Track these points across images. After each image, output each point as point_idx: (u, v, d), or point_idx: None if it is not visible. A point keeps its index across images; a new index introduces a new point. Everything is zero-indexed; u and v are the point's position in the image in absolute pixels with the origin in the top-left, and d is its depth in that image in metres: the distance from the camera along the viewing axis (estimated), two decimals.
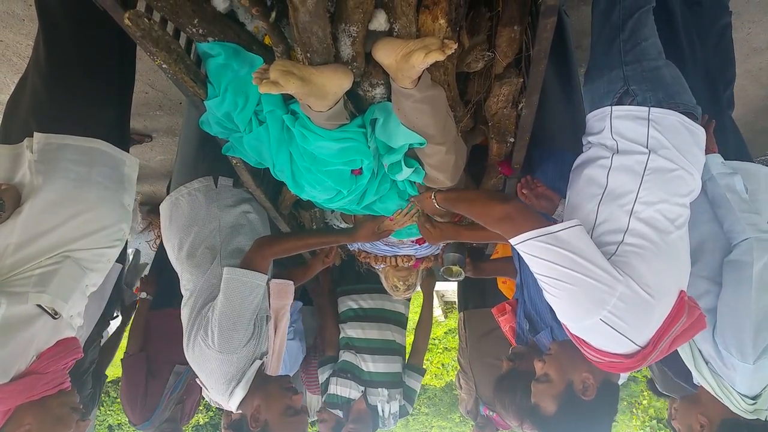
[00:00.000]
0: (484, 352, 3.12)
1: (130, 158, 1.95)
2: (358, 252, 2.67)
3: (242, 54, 1.48)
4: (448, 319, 11.00)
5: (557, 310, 1.49)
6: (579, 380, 1.65)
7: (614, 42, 1.66)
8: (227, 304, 1.77)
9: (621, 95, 1.59)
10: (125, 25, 1.31)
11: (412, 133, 1.57)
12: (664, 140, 1.51)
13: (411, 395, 3.04)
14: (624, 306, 1.37)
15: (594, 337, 1.45)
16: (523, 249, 1.46)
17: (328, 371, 3.02)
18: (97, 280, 1.90)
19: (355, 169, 1.68)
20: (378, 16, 1.32)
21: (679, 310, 1.45)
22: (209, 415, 11.37)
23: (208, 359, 1.80)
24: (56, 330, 1.71)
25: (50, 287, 1.65)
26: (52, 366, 1.68)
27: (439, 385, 11.85)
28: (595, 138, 1.65)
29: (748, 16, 2.48)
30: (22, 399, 1.62)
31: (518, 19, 1.42)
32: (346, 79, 1.37)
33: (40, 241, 1.67)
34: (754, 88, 2.98)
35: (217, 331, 1.76)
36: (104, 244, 1.84)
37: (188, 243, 2.00)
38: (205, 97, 1.57)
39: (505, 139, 1.79)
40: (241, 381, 1.80)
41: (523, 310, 2.06)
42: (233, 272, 1.81)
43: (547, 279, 1.43)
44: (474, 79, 1.69)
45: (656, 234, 1.45)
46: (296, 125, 1.52)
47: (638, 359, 1.43)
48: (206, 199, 2.08)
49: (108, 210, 1.84)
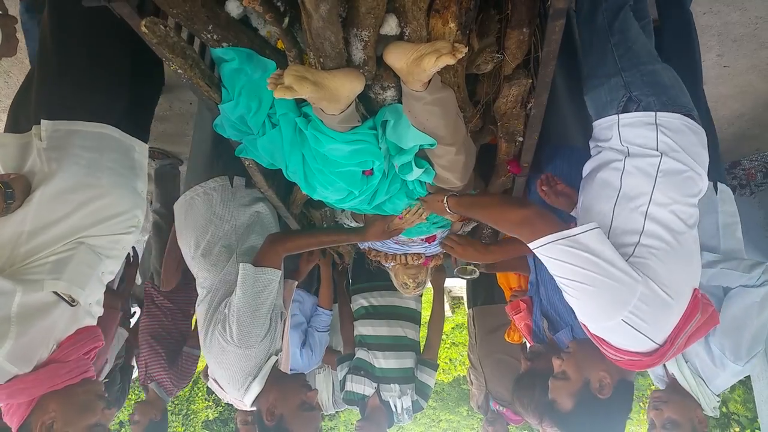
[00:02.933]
0: (494, 348, 3.16)
1: (140, 144, 1.93)
2: (368, 250, 2.70)
3: (255, 58, 1.50)
4: (455, 315, 11.02)
5: (578, 311, 1.50)
6: (596, 379, 1.69)
7: (606, 48, 1.68)
8: (244, 300, 1.80)
9: (625, 102, 1.61)
10: (142, 32, 1.34)
11: (422, 134, 1.59)
12: (672, 143, 1.53)
13: (424, 390, 3.06)
14: (644, 306, 1.39)
15: (614, 337, 1.47)
16: (543, 252, 1.47)
17: (345, 368, 3.07)
18: (114, 267, 1.88)
19: (367, 170, 1.71)
20: (389, 21, 1.33)
21: (694, 308, 1.47)
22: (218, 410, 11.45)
23: (226, 354, 1.83)
24: (75, 318, 1.69)
25: (65, 274, 1.62)
26: (74, 354, 1.67)
27: (447, 380, 11.89)
28: (605, 144, 1.67)
29: (755, 12, 2.48)
30: (46, 388, 1.60)
31: (527, 21, 1.43)
32: (358, 83, 1.39)
33: (54, 228, 1.65)
34: (762, 83, 2.97)
35: (235, 326, 1.78)
36: (119, 230, 1.82)
37: (205, 242, 2.02)
38: (220, 101, 1.59)
39: (514, 138, 1.81)
40: (258, 376, 1.84)
41: (540, 308, 2.08)
42: (249, 268, 1.83)
43: (567, 282, 1.44)
44: (483, 80, 1.70)
45: (671, 234, 1.47)
46: (309, 128, 1.55)
47: (657, 357, 1.45)
48: (222, 198, 2.10)
49: (121, 196, 1.81)
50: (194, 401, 11.43)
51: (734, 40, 2.67)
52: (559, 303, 1.96)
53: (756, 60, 2.80)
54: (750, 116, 3.27)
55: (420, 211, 2.12)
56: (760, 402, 3.81)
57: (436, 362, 3.18)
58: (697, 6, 2.46)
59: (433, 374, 3.13)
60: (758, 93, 3.07)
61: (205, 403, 11.45)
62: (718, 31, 2.61)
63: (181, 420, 11.36)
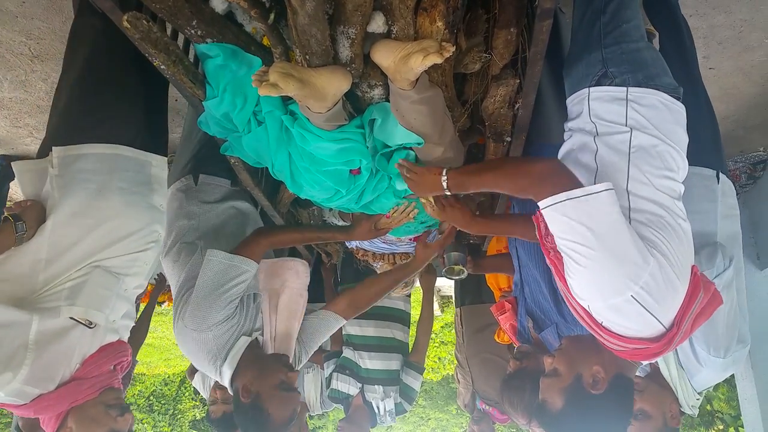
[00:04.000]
0: (481, 348, 3.15)
1: (156, 158, 1.95)
2: (356, 250, 2.69)
3: (240, 55, 1.48)
4: (444, 314, 11.02)
5: (583, 287, 1.39)
6: (589, 374, 1.59)
7: (595, 25, 1.63)
8: (205, 283, 1.74)
9: (599, 77, 1.55)
10: (124, 27, 1.32)
11: (409, 133, 1.58)
12: (642, 119, 1.47)
13: (409, 393, 3.03)
14: (653, 282, 1.32)
15: (620, 319, 1.38)
16: (560, 210, 1.34)
17: (332, 366, 3.06)
18: (138, 282, 1.94)
19: (354, 169, 1.69)
20: (376, 18, 1.33)
21: (695, 287, 1.42)
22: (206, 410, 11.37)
23: (186, 340, 1.78)
24: (96, 337, 1.77)
25: (80, 299, 1.69)
26: (96, 371, 1.76)
27: (435, 379, 11.89)
28: (575, 123, 1.61)
29: (740, 15, 2.50)
30: (67, 404, 1.71)
31: (514, 21, 1.43)
32: (345, 81, 1.38)
33: (68, 254, 1.71)
34: (746, 85, 3.00)
35: (190, 309, 1.73)
36: (135, 248, 1.87)
37: (170, 241, 2.01)
38: (204, 98, 1.57)
39: (502, 138, 1.80)
40: (227, 358, 1.77)
41: (525, 307, 2.07)
42: (219, 254, 1.77)
43: (579, 247, 1.33)
44: (471, 80, 1.70)
45: (660, 208, 1.41)
46: (295, 126, 1.53)
47: (664, 343, 1.38)
48: (186, 197, 2.08)
49: (135, 214, 1.86)
50: (181, 401, 11.35)
51: (719, 42, 2.69)
52: (543, 301, 1.94)
53: (741, 62, 2.83)
54: (735, 118, 3.30)
55: (408, 210, 2.11)
56: (743, 400, 3.85)
57: (422, 366, 3.14)
58: (683, 8, 2.46)
59: (419, 377, 3.09)
60: (743, 95, 3.10)
61: (192, 403, 11.38)
62: (704, 34, 2.63)
63: (168, 420, 11.27)
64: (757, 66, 2.84)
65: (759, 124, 3.36)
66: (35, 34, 2.59)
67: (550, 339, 1.87)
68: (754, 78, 2.94)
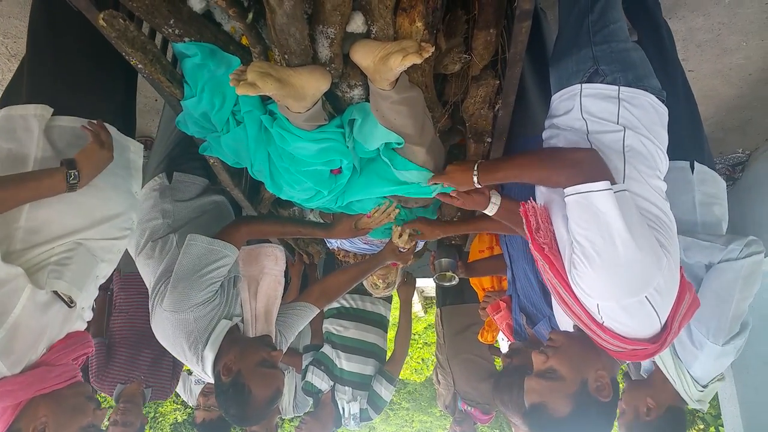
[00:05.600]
0: (462, 348, 3.16)
1: (134, 143, 1.90)
2: (338, 251, 2.68)
3: (219, 54, 1.47)
4: (427, 315, 11.04)
5: (595, 286, 1.34)
6: (594, 379, 1.52)
7: (583, 23, 1.64)
8: (182, 267, 1.71)
9: (591, 74, 1.56)
10: (100, 25, 1.30)
11: (390, 132, 1.57)
12: (634, 119, 1.49)
13: (377, 401, 2.98)
14: (663, 283, 1.32)
15: (627, 319, 1.36)
16: (592, 199, 1.29)
17: (310, 357, 3.06)
18: (107, 271, 1.83)
19: (335, 169, 1.69)
20: (355, 18, 1.32)
21: (683, 288, 1.42)
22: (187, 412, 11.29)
23: (164, 325, 1.75)
24: (67, 321, 1.65)
25: (66, 274, 1.58)
26: (63, 359, 1.63)
27: (419, 380, 11.90)
28: (562, 119, 1.60)
29: (719, 18, 2.53)
30: (32, 391, 1.55)
31: (494, 22, 1.43)
32: (324, 81, 1.37)
33: (51, 226, 1.60)
34: (725, 87, 3.04)
35: (169, 290, 1.70)
36: (114, 235, 1.78)
37: (143, 240, 1.98)
38: (182, 97, 1.56)
39: (483, 139, 1.81)
40: (208, 342, 1.73)
41: (518, 303, 2.07)
42: (199, 239, 1.74)
43: (600, 243, 1.28)
44: (451, 81, 1.70)
45: (655, 208, 1.42)
46: (274, 126, 1.52)
47: (660, 343, 1.37)
48: (161, 195, 2.06)
49: (117, 197, 1.77)
50: (162, 404, 11.23)
51: (698, 45, 2.72)
52: (534, 295, 1.94)
53: (719, 65, 2.86)
54: (714, 120, 3.34)
55: (389, 211, 2.10)
56: (723, 399, 3.89)
57: (396, 377, 3.08)
58: (662, 11, 2.50)
59: (391, 388, 3.03)
60: (721, 97, 3.14)
61: (173, 406, 11.27)
62: (683, 37, 2.66)
63: (149, 423, 11.16)
64: (735, 68, 2.88)
65: (737, 126, 3.41)
66: (12, 33, 2.55)
67: (544, 332, 1.85)
68: (732, 80, 2.98)
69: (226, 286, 1.86)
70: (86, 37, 1.72)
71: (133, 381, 2.75)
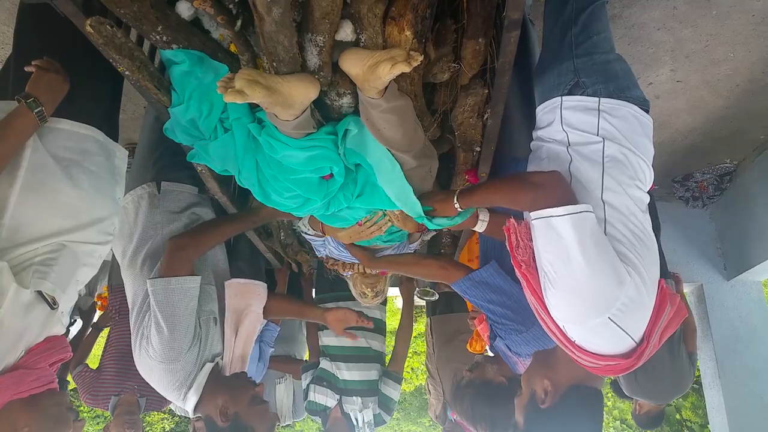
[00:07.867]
0: (451, 357, 3.15)
1: (120, 149, 1.88)
2: (326, 259, 2.66)
3: (207, 61, 1.46)
4: (417, 324, 11.02)
5: (561, 308, 1.37)
6: (540, 389, 1.56)
7: (566, 35, 1.64)
8: (160, 314, 1.75)
9: (572, 87, 1.56)
10: (87, 32, 1.29)
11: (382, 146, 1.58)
12: (614, 130, 1.48)
13: (388, 403, 2.99)
14: (629, 302, 1.32)
15: (596, 339, 1.38)
16: (551, 224, 1.31)
17: (309, 377, 3.02)
18: (88, 276, 1.81)
19: (326, 175, 1.67)
20: (345, 27, 1.32)
21: (662, 300, 1.43)
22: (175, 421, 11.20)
23: (153, 370, 1.82)
24: (47, 324, 1.62)
25: (51, 275, 1.56)
26: (41, 362, 1.60)
27: (408, 389, 11.88)
28: (545, 132, 1.61)
29: (707, 29, 2.56)
30: (9, 395, 1.52)
31: (483, 32, 1.44)
32: (313, 89, 1.37)
33: (35, 226, 1.58)
34: (713, 98, 3.07)
35: (156, 342, 1.75)
36: (97, 239, 1.76)
37: (131, 251, 1.97)
38: (170, 105, 1.54)
39: (472, 148, 1.81)
40: (193, 386, 1.82)
41: None
42: (158, 283, 1.76)
43: (561, 267, 1.30)
44: (440, 90, 1.70)
45: (631, 220, 1.41)
46: (263, 134, 1.51)
47: (636, 357, 1.38)
48: (149, 205, 2.04)
49: (102, 202, 1.75)
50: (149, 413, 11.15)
51: (686, 56, 2.74)
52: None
53: (707, 76, 2.89)
54: (702, 130, 3.37)
55: (381, 223, 2.09)
56: (710, 409, 3.91)
57: (401, 375, 3.11)
58: (651, 22, 2.52)
59: (398, 387, 3.05)
60: (709, 108, 3.17)
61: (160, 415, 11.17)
62: (672, 47, 2.68)
63: None
64: (723, 79, 2.91)
65: (725, 136, 3.44)
66: (0, 39, 2.53)
67: (502, 348, 1.88)
68: (720, 91, 3.01)
69: (204, 326, 1.90)
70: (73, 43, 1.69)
71: (126, 391, 2.72)
